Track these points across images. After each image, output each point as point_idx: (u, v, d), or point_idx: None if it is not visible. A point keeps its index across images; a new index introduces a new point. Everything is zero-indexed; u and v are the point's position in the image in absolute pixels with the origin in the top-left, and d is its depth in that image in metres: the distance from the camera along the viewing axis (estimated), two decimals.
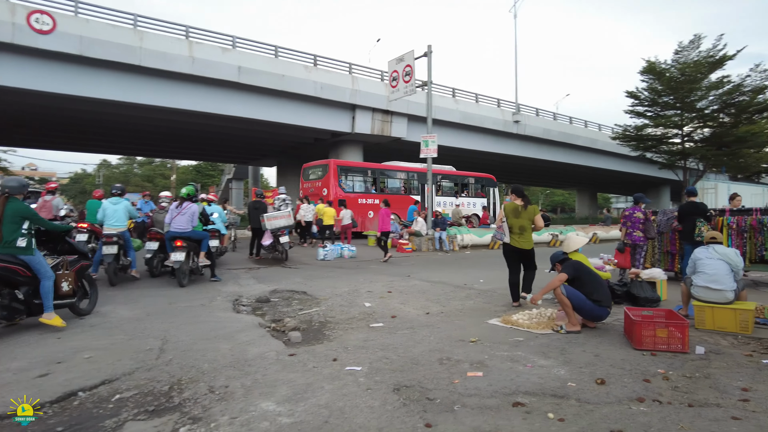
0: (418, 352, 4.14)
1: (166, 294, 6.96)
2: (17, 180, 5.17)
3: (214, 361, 3.95)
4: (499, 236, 6.37)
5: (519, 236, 6.28)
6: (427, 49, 15.83)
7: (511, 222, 6.29)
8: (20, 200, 5.02)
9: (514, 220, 6.28)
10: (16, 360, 3.96)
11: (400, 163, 21.98)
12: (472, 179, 23.74)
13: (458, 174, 23.45)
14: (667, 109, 26.55)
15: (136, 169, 67.83)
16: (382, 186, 20.45)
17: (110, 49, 16.24)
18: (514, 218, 6.28)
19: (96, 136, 27.05)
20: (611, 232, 20.56)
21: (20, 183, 5.12)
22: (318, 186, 18.91)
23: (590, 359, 3.95)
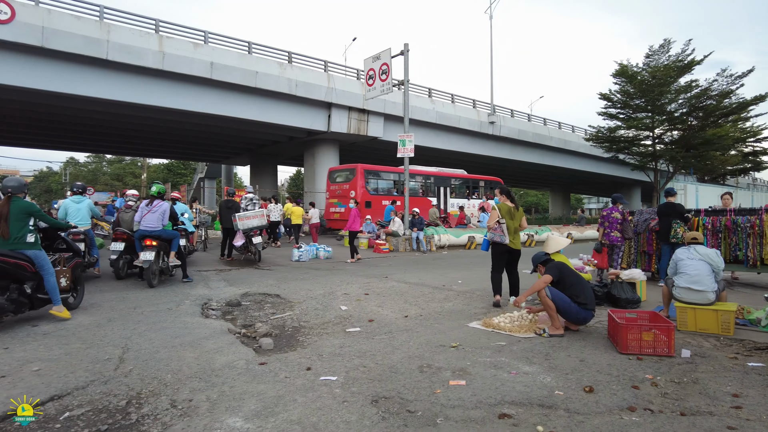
0: (397, 359, 3.93)
1: (129, 297, 6.57)
2: (17, 179, 5.39)
3: (178, 371, 3.66)
4: (499, 238, 6.23)
5: (514, 237, 6.30)
6: (403, 48, 15.66)
7: (508, 223, 6.22)
8: (22, 198, 5.25)
9: (510, 221, 6.23)
10: None
11: (419, 167, 22.78)
12: (481, 182, 25.33)
13: (469, 177, 24.93)
14: (638, 111, 27.07)
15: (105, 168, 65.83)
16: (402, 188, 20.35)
17: (74, 41, 15.54)
18: (510, 220, 6.23)
19: (61, 133, 26.02)
20: (586, 232, 20.80)
21: (20, 182, 5.37)
22: (345, 188, 20.10)
23: (576, 365, 3.80)
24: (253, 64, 19.98)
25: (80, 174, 60.97)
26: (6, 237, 4.97)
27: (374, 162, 37.30)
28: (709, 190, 25.49)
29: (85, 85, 16.61)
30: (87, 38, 15.74)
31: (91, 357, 3.98)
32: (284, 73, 20.89)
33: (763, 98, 25.58)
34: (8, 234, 4.98)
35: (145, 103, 18.11)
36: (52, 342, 4.42)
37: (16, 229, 5.02)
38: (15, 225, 5.02)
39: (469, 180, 24.77)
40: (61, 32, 15.29)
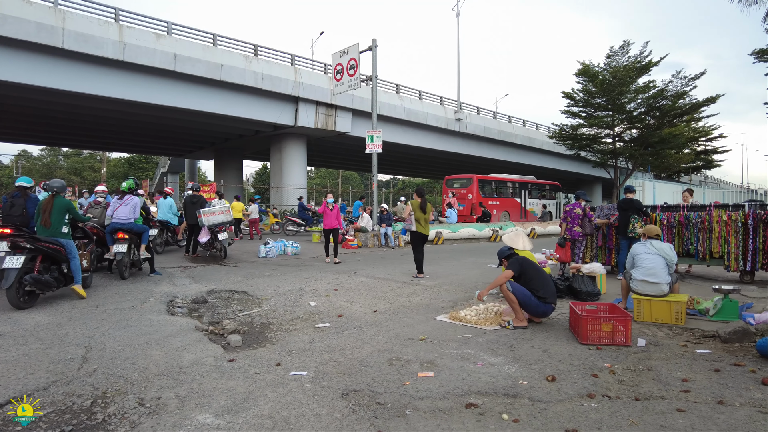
0: (367, 353, 3.98)
1: (91, 295, 6.37)
2: (59, 182, 6.61)
3: (145, 369, 3.61)
4: (408, 226, 8.75)
5: (424, 226, 8.60)
6: (371, 43, 15.66)
7: (418, 215, 8.52)
8: (62, 197, 6.38)
9: (420, 214, 8.53)
10: None
11: (512, 176, 29.46)
12: (547, 186, 30.96)
13: (538, 182, 30.49)
14: (599, 110, 27.92)
15: (62, 161, 63.26)
16: (500, 192, 27.14)
17: (26, 27, 14.81)
18: (420, 213, 8.54)
19: (12, 124, 24.85)
20: (549, 227, 21.35)
21: (62, 184, 6.57)
22: (463, 192, 25.19)
23: (539, 355, 3.95)
24: (218, 57, 19.57)
25: (34, 168, 58.37)
26: (48, 227, 6.07)
27: (342, 157, 37.38)
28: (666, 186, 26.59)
29: (40, 74, 15.88)
30: (40, 25, 15.04)
31: (52, 357, 3.87)
32: (250, 66, 20.55)
33: (714, 100, 26.81)
34: (50, 224, 6.08)
35: (105, 95, 17.48)
36: (8, 343, 4.26)
37: (56, 221, 6.13)
38: (55, 218, 6.13)
39: (538, 184, 30.39)
40: (11, 18, 14.54)
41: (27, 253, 5.71)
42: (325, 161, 43.66)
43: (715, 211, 7.92)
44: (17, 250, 5.69)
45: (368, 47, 15.74)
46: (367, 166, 40.52)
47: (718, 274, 8.82)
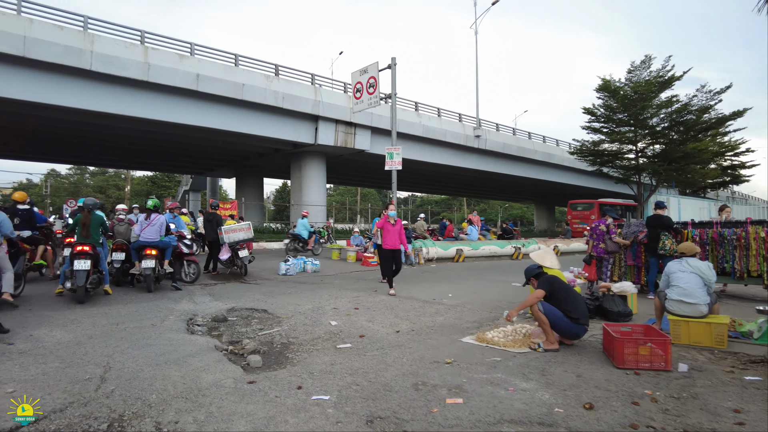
0: (391, 377, 3.82)
1: (112, 313, 6.35)
2: (93, 200, 7.98)
3: (163, 391, 3.50)
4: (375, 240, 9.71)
5: None
6: (391, 62, 15.73)
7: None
8: (97, 213, 7.67)
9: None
10: None
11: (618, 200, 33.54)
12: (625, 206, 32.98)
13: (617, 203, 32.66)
14: (621, 125, 27.48)
15: (88, 180, 64.85)
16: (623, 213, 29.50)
17: (57, 51, 15.29)
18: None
19: (42, 144, 25.58)
20: (572, 244, 20.92)
21: (95, 202, 7.96)
22: (586, 214, 28.76)
23: (573, 380, 3.73)
24: (239, 76, 19.88)
25: (62, 186, 59.94)
26: (88, 238, 7.31)
27: (361, 174, 37.45)
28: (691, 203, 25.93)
29: (68, 95, 16.32)
30: (70, 48, 15.51)
31: (70, 377, 3.79)
32: (271, 86, 20.82)
33: (741, 113, 26.18)
34: (89, 236, 7.35)
35: (129, 114, 17.86)
36: (28, 361, 4.22)
37: (94, 233, 7.43)
38: (93, 230, 7.44)
39: (617, 205, 32.22)
40: (43, 42, 15.05)
41: (90, 258, 7.07)
42: (344, 179, 43.85)
43: (752, 227, 7.59)
44: (82, 256, 7.03)
45: (387, 65, 15.80)
46: (385, 183, 40.52)
47: (756, 294, 8.43)
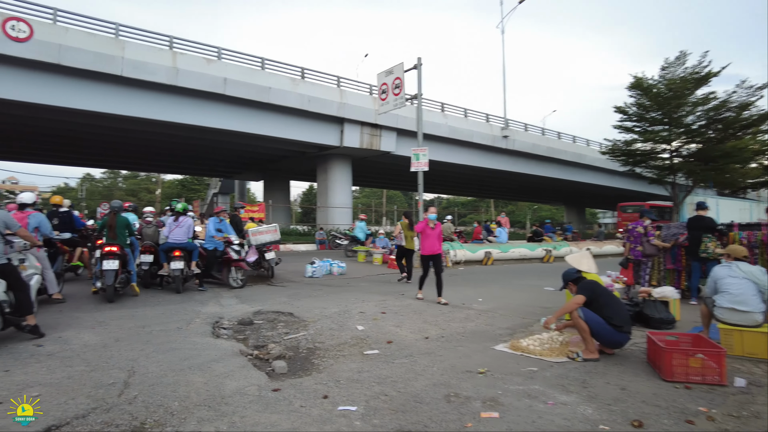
0: (421, 387, 3.63)
1: (138, 315, 6.34)
2: (118, 202, 8.22)
3: (186, 398, 3.40)
4: (398, 242, 10.77)
5: (410, 242, 10.19)
6: (417, 62, 15.53)
7: (406, 233, 10.19)
8: (122, 215, 7.89)
9: (408, 232, 10.16)
10: None
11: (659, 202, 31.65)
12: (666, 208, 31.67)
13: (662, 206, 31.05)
14: (655, 124, 26.58)
15: (121, 183, 66.65)
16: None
17: (90, 58, 15.67)
18: (408, 231, 10.14)
19: (78, 149, 26.30)
20: (604, 247, 20.31)
21: (120, 204, 8.18)
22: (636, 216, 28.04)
23: (617, 394, 3.47)
24: (265, 80, 20.02)
25: (96, 190, 61.77)
26: (115, 239, 7.50)
27: (386, 176, 37.34)
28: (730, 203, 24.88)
29: (100, 101, 16.71)
30: (102, 55, 15.86)
31: (95, 381, 3.73)
32: (296, 89, 20.90)
33: None
34: (116, 237, 7.55)
35: (159, 118, 18.18)
36: (55, 364, 4.19)
37: (120, 234, 7.63)
38: (119, 231, 7.64)
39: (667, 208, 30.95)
40: (77, 49, 15.43)
41: (117, 258, 7.27)
42: (370, 181, 43.83)
43: None
44: (110, 256, 7.22)
45: (413, 66, 15.61)
46: (410, 185, 40.30)
47: None
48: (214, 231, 9.34)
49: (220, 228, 9.50)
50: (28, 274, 5.68)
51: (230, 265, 9.32)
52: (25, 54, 14.71)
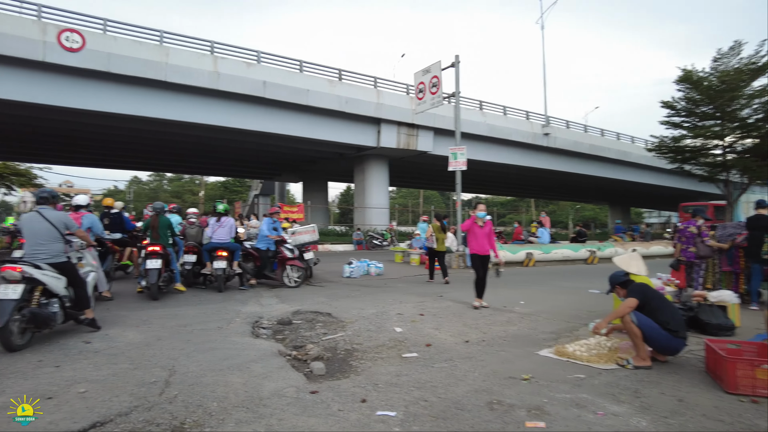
0: (462, 393, 3.50)
1: (180, 314, 6.47)
2: (161, 204, 8.41)
3: (224, 398, 3.40)
4: (430, 244, 10.86)
5: (440, 243, 10.65)
6: (454, 60, 15.33)
7: (437, 235, 10.60)
8: (164, 216, 8.10)
9: (439, 234, 10.61)
10: (3, 394, 3.47)
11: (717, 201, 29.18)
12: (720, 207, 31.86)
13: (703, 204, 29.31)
14: (706, 119, 25.29)
15: (166, 186, 69.10)
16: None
17: (137, 65, 16.28)
18: (439, 233, 10.62)
19: (125, 153, 27.40)
20: (651, 248, 19.48)
21: (162, 205, 8.40)
22: None
23: (674, 406, 3.24)
24: (304, 82, 20.25)
25: (143, 192, 64.25)
26: (157, 239, 7.74)
27: (423, 176, 37.16)
28: None
29: (146, 106, 17.32)
30: (148, 61, 16.44)
31: (137, 379, 3.79)
32: (334, 90, 21.04)
33: None
34: (158, 237, 7.77)
35: (201, 122, 18.68)
36: (101, 361, 4.30)
37: (162, 234, 7.84)
38: (162, 232, 7.85)
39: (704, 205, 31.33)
40: (125, 57, 16.06)
41: (160, 258, 7.51)
42: (407, 181, 43.73)
43: None
44: (153, 256, 7.44)
45: (451, 64, 15.43)
46: (448, 185, 39.95)
47: None
48: (269, 231, 9.46)
49: (275, 228, 9.66)
50: (86, 271, 5.95)
51: (285, 264, 9.39)
52: (78, 63, 15.41)
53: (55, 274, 5.05)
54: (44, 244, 5.05)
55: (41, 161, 31.97)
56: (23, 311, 4.56)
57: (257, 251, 9.44)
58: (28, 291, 4.66)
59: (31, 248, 5.05)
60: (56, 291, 4.98)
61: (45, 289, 4.87)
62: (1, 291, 4.47)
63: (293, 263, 9.39)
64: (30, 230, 5.10)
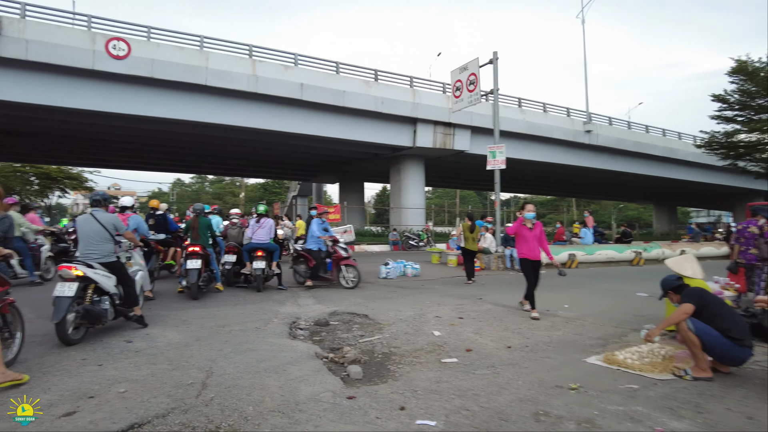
0: (505, 402, 3.32)
1: (219, 315, 6.51)
2: (201, 205, 8.63)
3: (260, 402, 3.34)
4: (460, 242, 11.03)
5: (470, 243, 10.68)
6: (492, 56, 15.02)
7: (466, 235, 10.60)
8: (205, 216, 8.30)
9: (468, 234, 10.61)
10: (48, 392, 3.53)
11: None
12: None
13: None
14: (762, 112, 23.92)
15: (207, 188, 71.09)
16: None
17: (179, 70, 16.72)
18: (469, 233, 10.61)
19: (169, 156, 28.25)
20: (702, 249, 18.52)
21: (202, 207, 8.59)
22: None
23: (743, 423, 2.96)
24: (340, 84, 20.31)
25: (185, 194, 66.30)
26: (197, 240, 7.94)
27: (460, 176, 36.74)
28: None
29: (187, 109, 17.76)
30: (189, 66, 16.86)
31: (175, 380, 3.80)
32: (370, 91, 21.02)
33: None
34: (198, 238, 7.97)
35: (240, 125, 19.00)
36: (141, 361, 4.34)
37: (202, 235, 8.03)
38: (201, 232, 8.04)
39: None
40: (167, 63, 16.51)
41: (200, 258, 7.67)
42: (443, 181, 43.36)
43: None
44: (193, 256, 7.64)
45: (489, 61, 15.12)
46: (485, 184, 39.35)
47: None
48: (320, 231, 9.37)
49: (326, 228, 9.62)
50: (134, 270, 6.18)
51: (340, 264, 9.30)
52: (124, 70, 15.96)
53: (106, 272, 5.31)
54: (96, 245, 5.31)
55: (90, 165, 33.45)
56: (77, 308, 4.82)
57: (309, 252, 9.34)
58: (82, 289, 4.91)
59: (84, 248, 5.33)
60: (107, 289, 5.22)
61: (97, 287, 5.12)
62: (57, 288, 4.74)
63: (348, 263, 9.29)
64: (83, 231, 5.37)
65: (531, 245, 6.80)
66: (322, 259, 9.26)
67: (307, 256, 9.37)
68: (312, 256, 9.26)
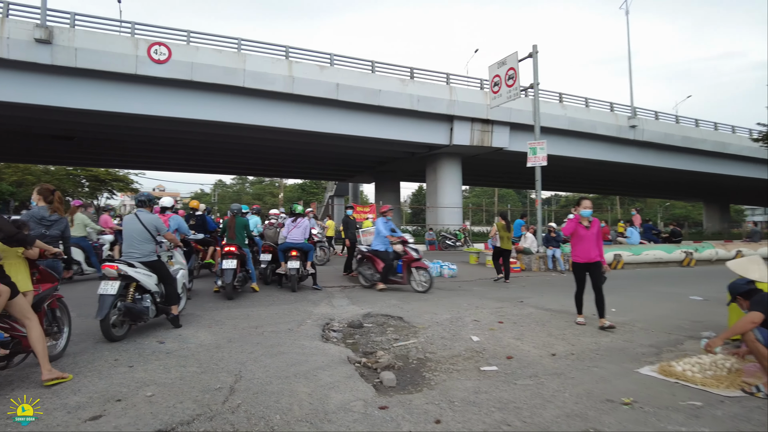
0: (551, 417, 3.04)
1: (253, 315, 6.45)
2: (238, 205, 8.69)
3: (288, 411, 3.19)
4: (495, 242, 10.81)
5: (506, 242, 10.57)
6: (532, 50, 14.53)
7: (502, 234, 10.55)
8: (240, 216, 8.38)
9: (504, 233, 10.57)
10: (78, 393, 3.50)
11: None
12: None
13: None
14: None
15: (248, 188, 72.68)
16: None
17: (217, 72, 16.96)
18: (504, 232, 10.58)
19: (210, 158, 28.86)
20: (760, 249, 17.35)
21: (239, 207, 8.67)
22: None
23: None
24: (375, 83, 20.15)
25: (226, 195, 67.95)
26: (234, 239, 8.01)
27: (498, 174, 36.01)
28: None
29: (225, 111, 18.01)
30: (227, 68, 17.08)
31: (203, 384, 3.70)
32: (405, 89, 20.77)
33: None
34: (235, 237, 8.05)
35: (277, 125, 19.13)
36: (171, 362, 4.28)
37: (239, 235, 8.13)
38: (238, 232, 8.12)
39: None
40: (206, 66, 16.78)
41: (236, 258, 7.71)
42: (481, 179, 42.65)
43: None
44: (229, 256, 7.69)
45: (528, 54, 14.64)
46: (525, 182, 38.42)
47: None
48: (387, 231, 9.07)
49: (393, 229, 9.31)
50: (175, 269, 6.27)
51: (410, 266, 8.91)
52: (165, 74, 16.32)
53: (147, 271, 5.44)
54: (137, 245, 5.47)
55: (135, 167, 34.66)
56: (119, 305, 4.96)
57: (376, 254, 9.04)
58: (124, 287, 5.05)
59: (127, 248, 5.51)
60: (148, 287, 5.36)
61: (138, 285, 5.25)
62: (101, 287, 4.90)
63: (419, 265, 8.85)
64: (127, 231, 5.56)
65: (587, 246, 6.15)
66: (391, 261, 8.84)
67: (374, 258, 9.05)
68: (380, 257, 8.90)
